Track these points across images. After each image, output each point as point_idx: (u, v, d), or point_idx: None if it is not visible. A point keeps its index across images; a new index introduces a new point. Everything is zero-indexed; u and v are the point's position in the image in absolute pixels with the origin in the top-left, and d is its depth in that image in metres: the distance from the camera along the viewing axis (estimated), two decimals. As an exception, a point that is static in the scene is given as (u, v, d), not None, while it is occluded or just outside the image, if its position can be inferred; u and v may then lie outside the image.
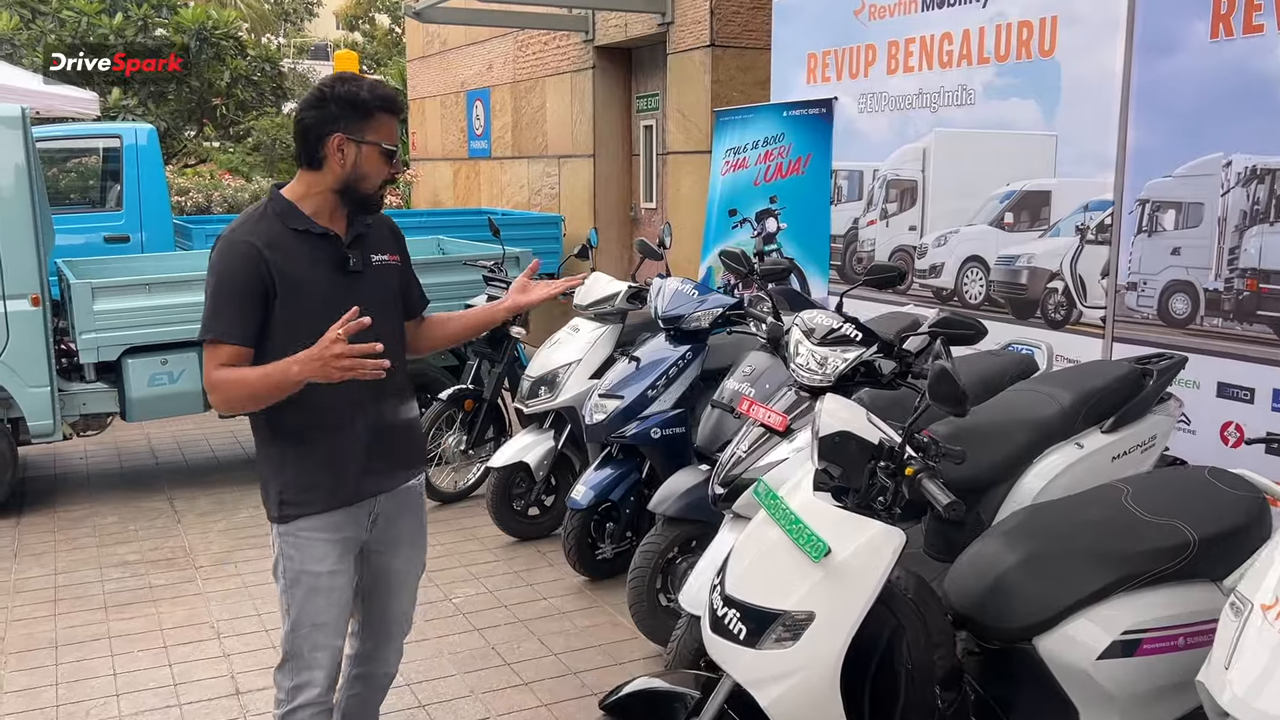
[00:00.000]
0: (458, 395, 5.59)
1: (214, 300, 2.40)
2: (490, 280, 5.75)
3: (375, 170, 2.48)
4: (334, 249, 2.49)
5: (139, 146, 8.02)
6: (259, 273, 2.38)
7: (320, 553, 2.52)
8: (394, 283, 2.64)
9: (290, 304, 2.41)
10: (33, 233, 5.41)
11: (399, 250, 2.69)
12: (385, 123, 2.47)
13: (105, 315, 5.56)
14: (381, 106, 2.46)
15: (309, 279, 2.43)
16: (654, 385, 4.37)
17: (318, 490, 2.50)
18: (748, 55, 7.69)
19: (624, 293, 4.99)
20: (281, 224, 2.44)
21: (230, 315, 2.38)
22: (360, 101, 2.44)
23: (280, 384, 2.34)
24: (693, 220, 7.95)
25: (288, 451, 2.50)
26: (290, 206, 2.47)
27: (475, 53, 11.51)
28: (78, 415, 5.83)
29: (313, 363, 2.29)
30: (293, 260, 2.42)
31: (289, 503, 2.51)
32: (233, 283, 2.38)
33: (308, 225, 2.46)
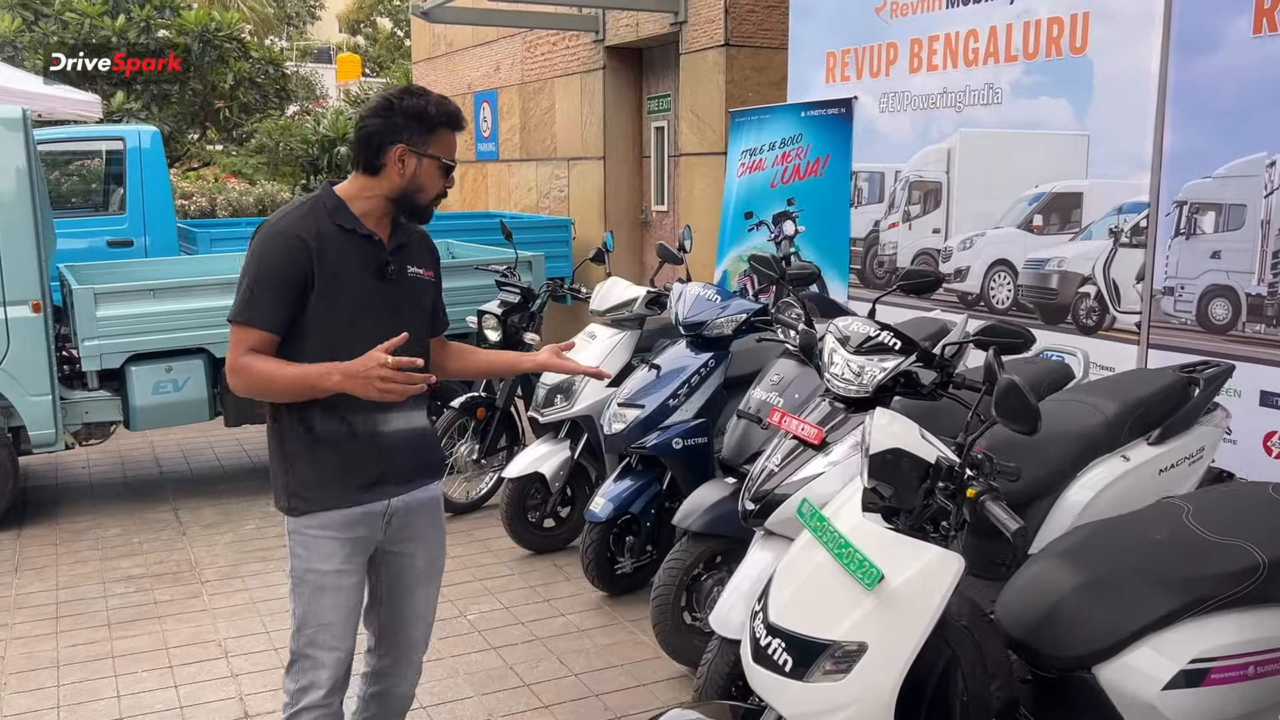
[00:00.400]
0: (470, 403, 5.45)
1: (251, 285, 2.42)
2: (503, 285, 5.61)
3: (433, 183, 2.50)
4: (376, 253, 2.50)
5: (142, 149, 7.88)
6: (300, 264, 2.40)
7: (327, 550, 2.50)
8: (426, 297, 2.65)
9: (327, 299, 2.42)
10: (34, 237, 5.27)
11: (434, 267, 2.70)
12: (447, 138, 2.50)
13: (108, 321, 5.42)
14: (445, 122, 2.49)
15: (349, 278, 2.44)
16: (675, 394, 4.23)
17: (328, 487, 2.48)
18: (763, 55, 7.54)
19: (642, 298, 4.85)
20: (329, 219, 2.46)
21: (266, 302, 2.40)
22: (426, 115, 2.46)
23: (315, 388, 2.36)
24: (707, 223, 7.80)
25: (302, 446, 2.49)
26: (341, 204, 2.49)
27: (482, 54, 11.38)
28: (80, 424, 5.69)
29: (354, 379, 2.31)
30: (336, 257, 2.43)
31: (298, 496, 2.50)
32: (273, 271, 2.40)
33: (355, 225, 2.47)
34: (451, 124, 2.50)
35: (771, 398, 3.68)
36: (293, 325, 2.42)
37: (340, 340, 2.40)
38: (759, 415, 3.66)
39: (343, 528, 2.50)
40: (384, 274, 2.50)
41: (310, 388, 2.37)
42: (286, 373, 2.38)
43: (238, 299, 2.44)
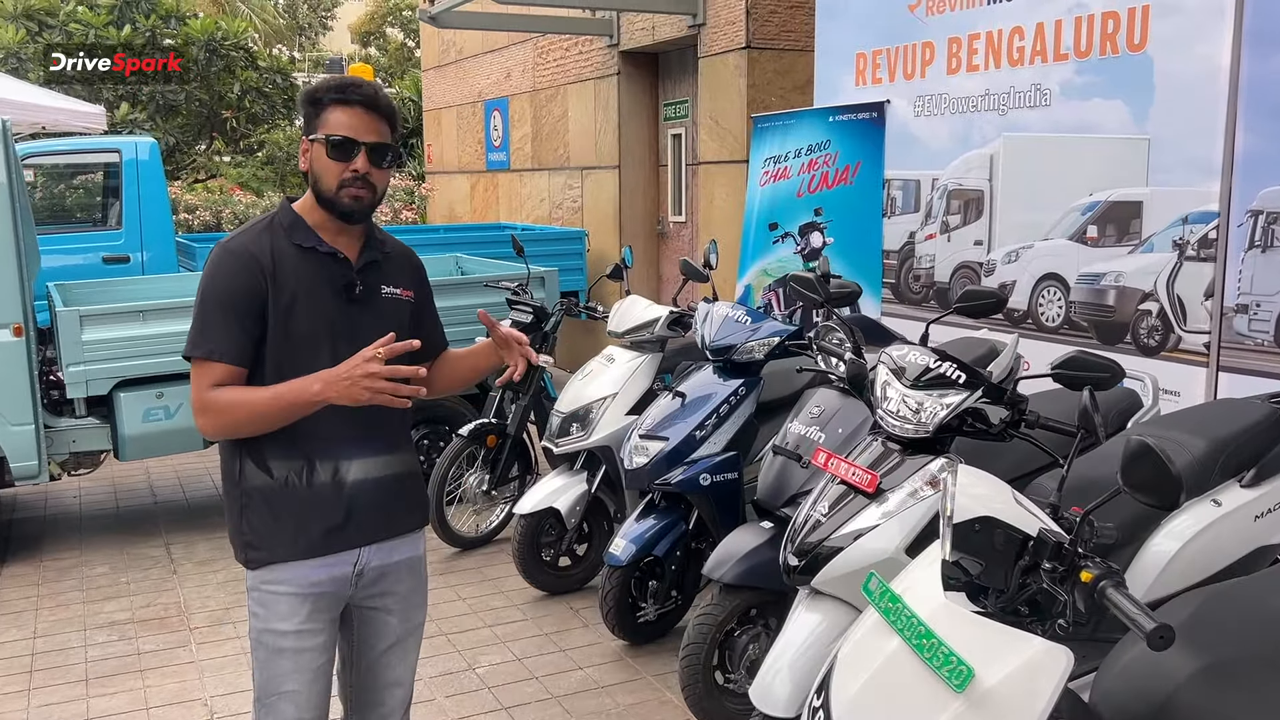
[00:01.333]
0: (479, 431, 5.09)
1: (202, 313, 2.18)
2: (515, 304, 5.25)
3: (324, 168, 2.19)
4: (340, 271, 2.25)
5: (139, 161, 7.56)
6: (255, 286, 2.16)
7: (286, 608, 2.23)
8: (402, 318, 2.35)
9: (281, 324, 2.18)
10: (14, 256, 4.94)
11: (415, 286, 2.42)
12: (337, 113, 2.19)
13: (95, 346, 5.08)
14: (332, 96, 2.20)
15: (307, 299, 2.19)
16: (702, 425, 3.86)
17: (285, 536, 2.21)
18: (786, 57, 7.19)
19: (664, 319, 4.49)
20: (286, 237, 2.23)
21: (222, 331, 2.15)
22: (314, 96, 2.22)
23: (294, 405, 2.11)
24: (728, 235, 7.44)
25: (256, 488, 2.22)
26: (297, 220, 2.25)
27: (493, 61, 11.05)
28: (67, 453, 5.35)
29: (340, 382, 2.08)
30: (293, 277, 2.20)
31: (253, 546, 2.23)
32: (226, 294, 2.16)
33: (314, 242, 2.23)
34: (341, 98, 2.19)
35: (811, 433, 3.31)
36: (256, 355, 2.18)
37: (294, 369, 2.15)
38: (798, 452, 3.30)
39: (304, 583, 2.23)
40: (349, 294, 2.24)
41: (290, 406, 2.12)
42: (259, 398, 2.13)
43: (191, 331, 2.18)
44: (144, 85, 14.25)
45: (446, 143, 12.32)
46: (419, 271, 2.45)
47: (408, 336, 2.22)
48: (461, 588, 4.72)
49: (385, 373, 2.06)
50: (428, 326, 2.43)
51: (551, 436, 4.53)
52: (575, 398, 4.50)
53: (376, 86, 2.28)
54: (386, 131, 2.24)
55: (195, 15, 14.82)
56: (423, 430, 5.84)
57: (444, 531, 5.11)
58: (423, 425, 5.84)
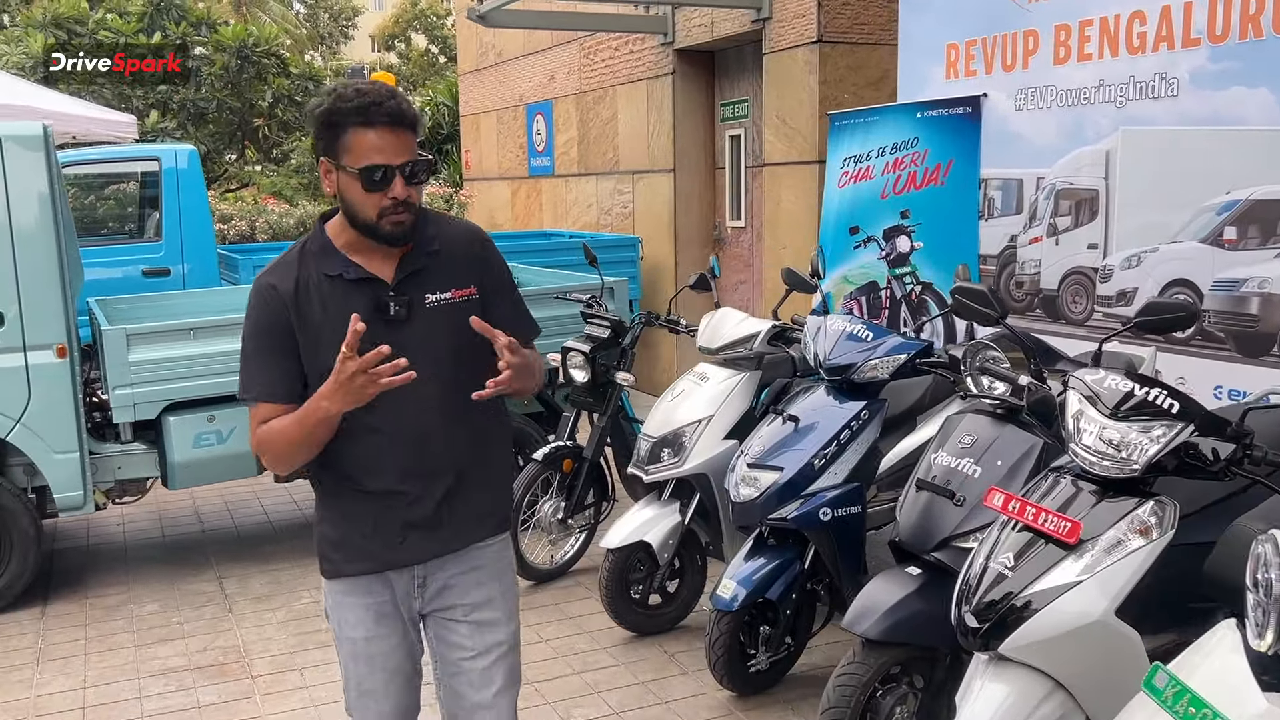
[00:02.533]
0: (555, 455, 4.72)
1: (244, 354, 2.18)
2: (590, 318, 4.88)
3: (358, 199, 2.06)
4: (374, 293, 2.13)
5: (179, 170, 7.24)
6: (281, 322, 2.12)
7: (354, 618, 2.29)
8: (458, 321, 2.14)
9: (310, 358, 2.12)
10: (58, 272, 4.61)
11: (478, 278, 2.23)
12: (359, 137, 2.03)
13: (143, 366, 4.75)
14: (351, 120, 2.03)
15: (337, 330, 2.01)
16: (821, 454, 3.47)
17: (344, 550, 2.26)
18: (859, 52, 6.80)
19: (764, 333, 4.11)
20: (315, 267, 2.14)
21: (263, 371, 2.15)
22: (331, 115, 2.05)
23: (317, 422, 2.06)
24: (796, 239, 7.06)
25: (324, 502, 2.29)
26: (326, 245, 2.15)
27: (535, 63, 10.71)
28: (112, 481, 5.02)
29: (336, 391, 2.00)
30: (319, 307, 2.12)
31: (324, 557, 2.31)
32: (259, 334, 2.15)
33: (342, 269, 2.13)
34: (362, 118, 2.02)
35: (965, 466, 2.91)
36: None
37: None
38: (950, 488, 2.91)
39: (364, 593, 2.27)
40: (385, 316, 2.12)
41: (315, 425, 2.07)
42: (287, 424, 2.10)
43: (240, 373, 2.18)
44: (175, 93, 14.01)
45: (486, 148, 11.98)
46: (482, 261, 2.26)
47: (468, 341, 2.09)
48: (542, 627, 4.35)
49: (362, 363, 1.95)
50: (503, 317, 2.17)
51: (640, 463, 4.16)
52: (665, 420, 4.13)
53: (393, 93, 2.09)
54: (414, 142, 2.09)
55: (226, 22, 14.56)
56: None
57: (519, 564, 4.74)
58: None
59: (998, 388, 3.00)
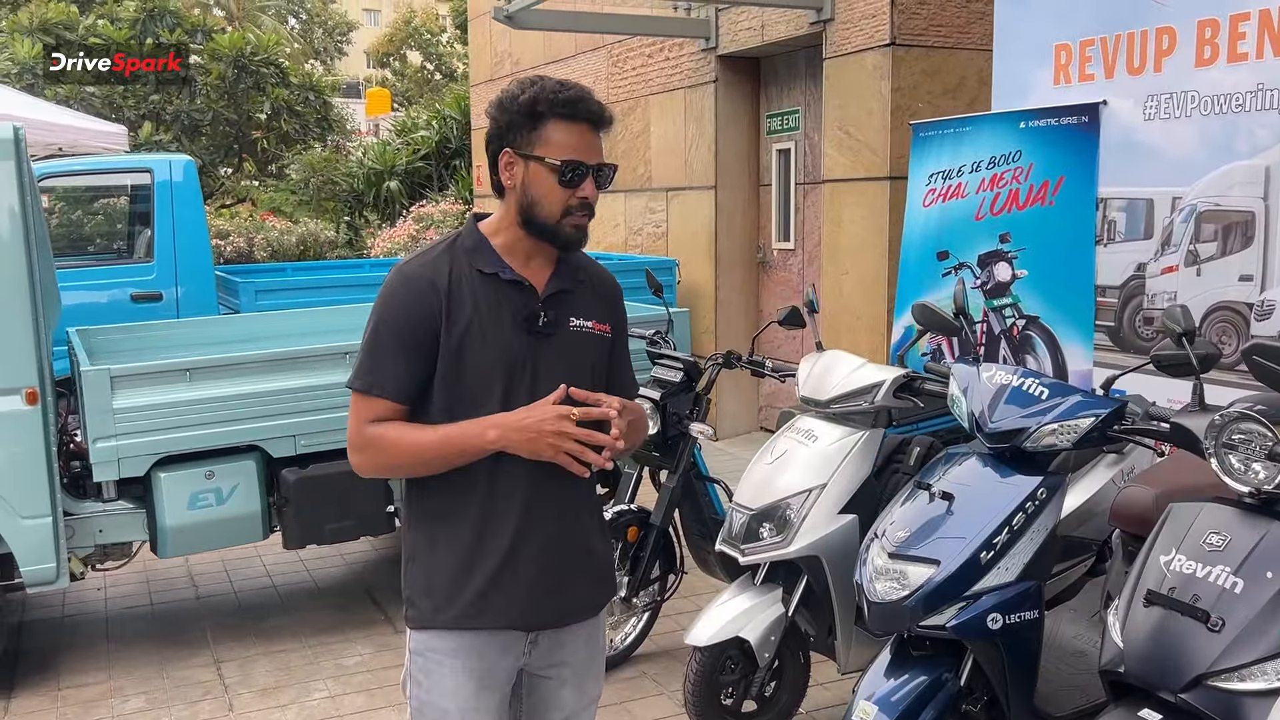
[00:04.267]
0: (619, 521, 3.98)
1: (373, 341, 2.01)
2: (658, 357, 4.16)
3: (546, 193, 1.98)
4: (524, 300, 2.03)
5: (173, 183, 6.49)
6: (428, 314, 1.98)
7: (452, 685, 2.03)
8: (593, 355, 2.11)
9: (452, 358, 1.99)
10: (29, 301, 3.87)
11: (612, 319, 2.16)
12: (563, 132, 1.98)
13: (130, 415, 4.00)
14: (557, 111, 1.97)
15: (483, 331, 1.99)
16: (990, 544, 2.74)
17: (450, 599, 2.01)
18: (935, 56, 6.11)
19: (890, 383, 3.38)
20: (468, 262, 2.03)
21: (389, 363, 1.98)
22: (533, 104, 1.97)
23: (464, 451, 1.94)
24: (861, 265, 6.35)
25: (424, 536, 2.05)
26: (482, 242, 2.06)
27: (556, 72, 10.00)
28: (92, 546, 4.26)
29: (520, 431, 1.90)
30: (470, 306, 1.99)
31: (412, 604, 2.07)
32: (397, 324, 1.99)
33: (497, 268, 2.03)
34: (566, 112, 1.96)
35: (1218, 576, 2.19)
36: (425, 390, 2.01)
37: (464, 405, 1.98)
38: (1199, 606, 2.18)
39: (470, 654, 2.02)
40: (531, 326, 2.02)
41: (459, 452, 1.95)
42: (424, 439, 1.96)
43: (358, 359, 2.03)
44: (169, 104, 13.29)
45: (500, 163, 11.25)
46: (617, 304, 2.20)
47: (600, 376, 2.10)
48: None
49: (577, 434, 1.89)
50: (614, 363, 2.17)
51: (733, 539, 3.42)
52: (765, 489, 3.39)
53: (592, 92, 2.04)
54: (603, 148, 2.05)
55: (223, 30, 13.87)
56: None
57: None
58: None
59: (1258, 472, 2.28)
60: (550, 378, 1.97)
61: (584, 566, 2.10)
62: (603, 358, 2.12)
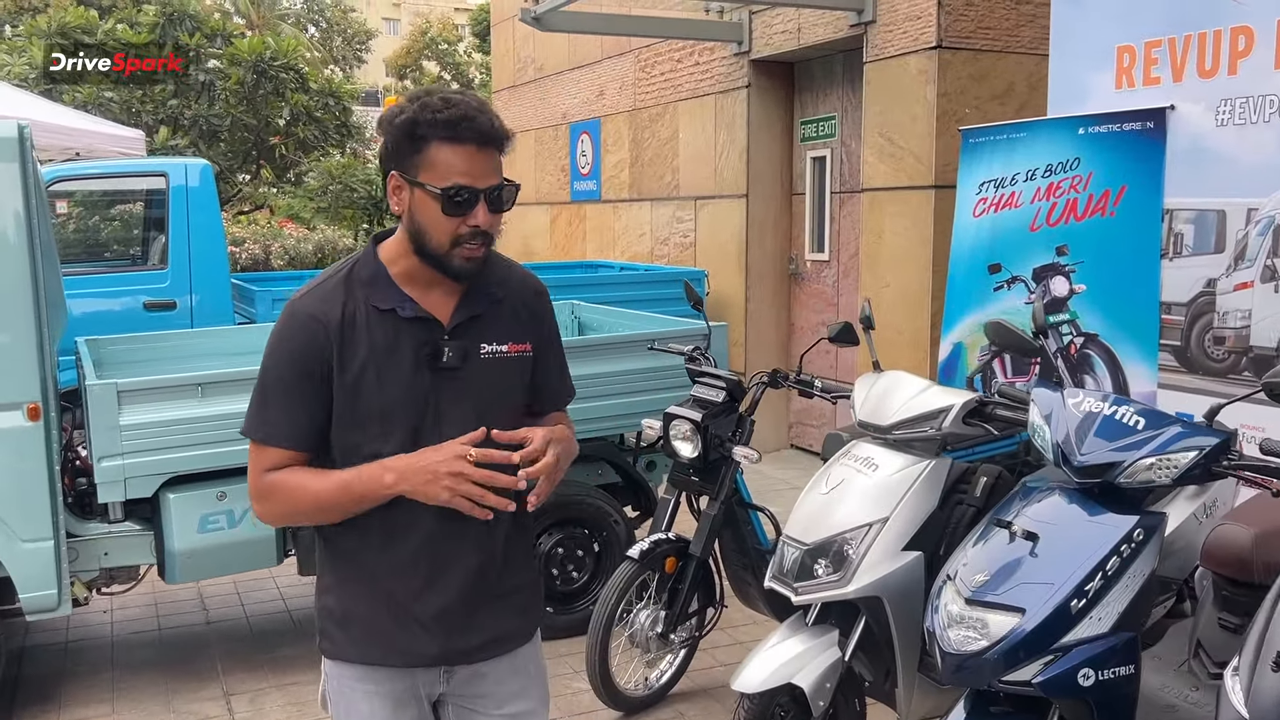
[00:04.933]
0: (656, 552, 3.72)
1: (262, 387, 1.86)
2: (698, 376, 3.90)
3: (433, 222, 1.80)
4: (427, 336, 1.86)
5: (189, 187, 6.27)
6: (319, 356, 1.82)
7: (366, 710, 1.93)
8: (510, 380, 1.96)
9: (354, 399, 1.83)
10: (32, 311, 3.64)
11: (534, 333, 2.00)
12: (445, 153, 1.77)
13: (138, 431, 3.76)
14: (438, 133, 1.77)
15: (382, 370, 1.83)
16: (1081, 591, 2.46)
17: (356, 631, 1.91)
18: (982, 60, 5.84)
19: (959, 408, 3.10)
20: (363, 296, 1.86)
21: (281, 409, 1.84)
22: (407, 125, 1.78)
23: (364, 496, 1.81)
24: (902, 277, 6.08)
25: (334, 568, 1.94)
26: (379, 272, 1.88)
27: (581, 78, 9.79)
28: (97, 569, 4.02)
29: (418, 474, 1.78)
30: (365, 343, 1.83)
31: (327, 635, 1.96)
32: (286, 367, 1.84)
33: (395, 304, 1.86)
34: (449, 133, 1.77)
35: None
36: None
37: (362, 450, 1.83)
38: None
39: (379, 680, 1.93)
40: (435, 364, 1.86)
41: (359, 499, 1.81)
42: (323, 485, 1.83)
43: (251, 404, 1.88)
44: (186, 108, 13.14)
45: (522, 170, 11.02)
46: (541, 313, 2.04)
47: (513, 398, 1.98)
48: (646, 786, 3.34)
49: (475, 476, 1.77)
50: (539, 376, 2.03)
51: (785, 576, 3.15)
52: (819, 521, 3.12)
53: (483, 106, 1.83)
54: (500, 164, 1.85)
55: (243, 34, 13.71)
56: (555, 535, 4.49)
57: (607, 691, 3.74)
58: (555, 529, 4.49)
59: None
60: (457, 415, 1.86)
61: (502, 601, 1.98)
62: (526, 377, 1.99)
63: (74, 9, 13.07)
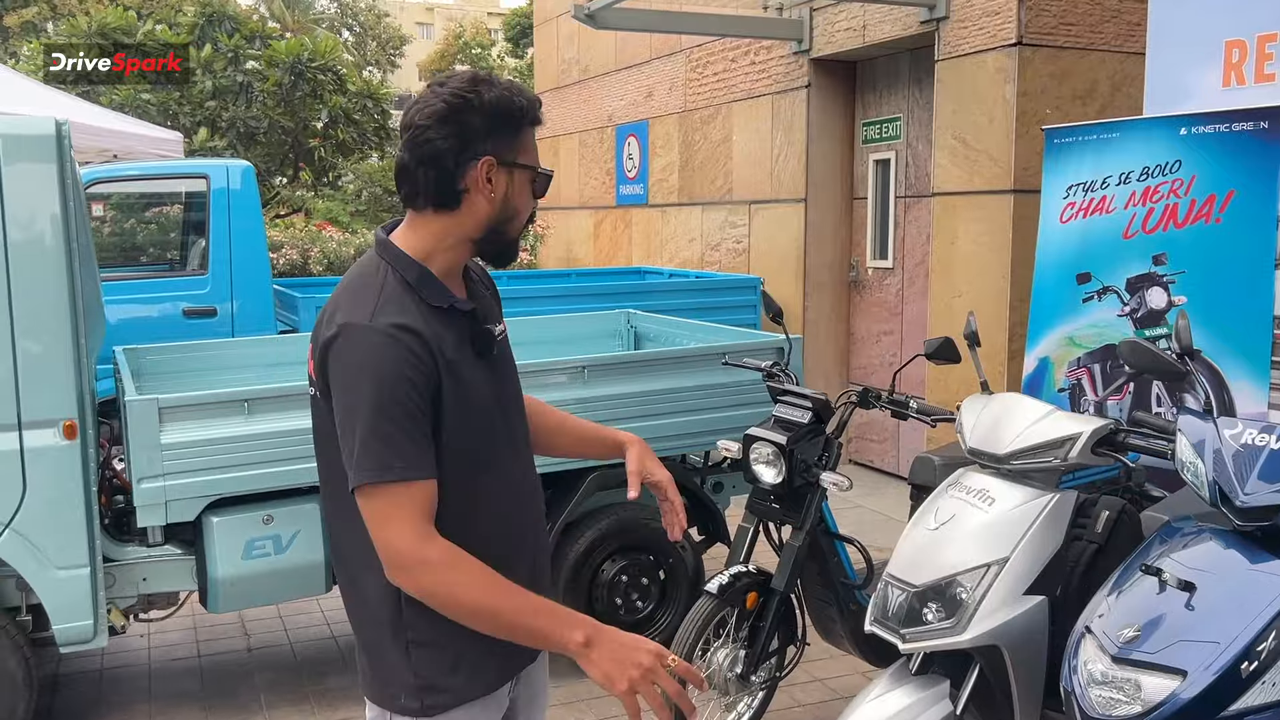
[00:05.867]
0: (735, 584, 3.43)
1: (385, 420, 1.63)
2: (780, 394, 3.60)
3: (525, 205, 1.82)
4: (470, 326, 1.80)
5: (230, 190, 6.05)
6: (432, 374, 1.68)
7: None
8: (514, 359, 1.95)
9: (462, 409, 1.73)
10: (69, 321, 3.41)
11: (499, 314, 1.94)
12: (532, 137, 1.80)
13: (181, 451, 3.52)
14: (531, 116, 1.77)
15: (469, 375, 1.76)
16: (1251, 652, 2.16)
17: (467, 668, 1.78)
18: (1064, 57, 5.52)
19: (1088, 437, 2.79)
20: (418, 298, 1.73)
21: (413, 440, 1.65)
22: (514, 110, 1.74)
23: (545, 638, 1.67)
24: (978, 287, 5.76)
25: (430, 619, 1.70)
26: (423, 274, 1.75)
27: (628, 79, 9.52)
28: (135, 596, 3.79)
29: (614, 651, 1.62)
30: (452, 349, 1.74)
31: (433, 690, 1.76)
32: (404, 390, 1.65)
33: (450, 300, 1.76)
34: (535, 116, 1.78)
35: None
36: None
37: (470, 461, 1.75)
38: None
39: (491, 706, 1.84)
40: (486, 352, 1.81)
41: (535, 634, 1.67)
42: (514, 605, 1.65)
43: (369, 443, 1.63)
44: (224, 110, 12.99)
45: (565, 174, 10.77)
46: (497, 292, 2.00)
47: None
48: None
49: (667, 685, 1.61)
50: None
51: (889, 621, 2.85)
52: (929, 561, 2.82)
53: None
54: None
55: (281, 36, 13.55)
56: (618, 562, 4.21)
57: None
58: (617, 555, 4.22)
59: None
60: (512, 400, 1.87)
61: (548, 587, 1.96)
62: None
63: (113, 9, 12.96)
